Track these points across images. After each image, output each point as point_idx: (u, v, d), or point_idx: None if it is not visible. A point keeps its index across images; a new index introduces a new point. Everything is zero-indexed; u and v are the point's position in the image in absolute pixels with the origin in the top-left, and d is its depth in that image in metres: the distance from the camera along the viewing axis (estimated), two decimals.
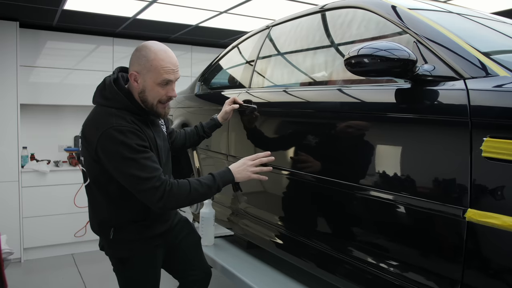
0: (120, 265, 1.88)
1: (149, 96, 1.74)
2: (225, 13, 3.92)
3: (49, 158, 4.74)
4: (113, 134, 1.62)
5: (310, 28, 2.12)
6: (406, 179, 1.36)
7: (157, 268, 1.93)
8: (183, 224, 2.12)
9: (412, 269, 1.39)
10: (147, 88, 1.73)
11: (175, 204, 1.70)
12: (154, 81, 1.72)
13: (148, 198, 1.65)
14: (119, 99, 1.72)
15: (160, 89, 1.74)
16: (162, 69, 1.71)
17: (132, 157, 1.62)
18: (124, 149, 1.62)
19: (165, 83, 1.74)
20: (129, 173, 1.63)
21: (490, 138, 1.09)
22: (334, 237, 1.77)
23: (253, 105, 2.16)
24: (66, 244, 4.55)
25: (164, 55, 1.72)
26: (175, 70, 1.75)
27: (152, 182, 1.63)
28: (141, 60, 1.72)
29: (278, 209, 2.12)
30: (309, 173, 1.79)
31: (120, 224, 1.81)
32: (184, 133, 2.26)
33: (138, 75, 1.73)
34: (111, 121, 1.65)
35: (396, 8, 1.63)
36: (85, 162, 1.79)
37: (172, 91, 1.78)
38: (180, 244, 2.06)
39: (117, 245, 1.84)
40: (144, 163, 1.63)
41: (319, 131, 1.80)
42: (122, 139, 1.62)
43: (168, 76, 1.72)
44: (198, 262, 2.14)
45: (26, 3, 3.59)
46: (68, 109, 4.97)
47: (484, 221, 1.11)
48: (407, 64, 1.28)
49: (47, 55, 4.61)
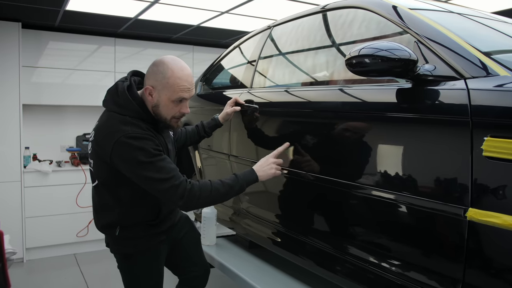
0: (125, 261, 1.90)
1: (162, 111, 1.76)
2: (227, 13, 3.92)
3: (51, 158, 4.75)
4: (129, 142, 1.64)
5: (311, 28, 2.13)
6: (407, 178, 1.36)
7: (160, 264, 1.97)
8: (184, 221, 2.16)
9: (413, 268, 1.39)
10: (161, 103, 1.75)
11: (196, 202, 1.71)
12: (169, 98, 1.74)
13: (170, 197, 1.67)
14: (132, 108, 1.73)
15: (174, 106, 1.76)
16: (178, 87, 1.72)
17: (149, 160, 1.64)
18: (141, 155, 1.63)
19: (180, 100, 1.76)
20: (147, 176, 1.64)
21: (491, 138, 1.09)
22: (336, 237, 1.78)
23: (254, 105, 2.17)
24: (68, 244, 4.55)
25: (181, 74, 1.73)
26: (190, 89, 1.76)
27: (171, 181, 1.65)
28: (158, 76, 1.73)
29: (280, 209, 2.12)
30: (310, 173, 1.79)
31: (128, 224, 1.83)
32: (186, 132, 2.28)
33: (154, 89, 1.74)
34: (126, 129, 1.67)
35: (397, 8, 1.63)
36: (95, 165, 1.80)
37: (185, 108, 1.80)
38: (182, 241, 2.10)
39: (122, 241, 1.86)
40: (161, 165, 1.66)
41: (320, 131, 1.80)
42: (138, 145, 1.64)
43: (183, 94, 1.74)
44: (198, 258, 2.18)
45: (28, 4, 3.59)
46: (70, 109, 4.97)
47: (485, 220, 1.11)
48: (408, 64, 1.28)
49: (49, 56, 4.62)
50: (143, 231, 1.85)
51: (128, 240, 1.85)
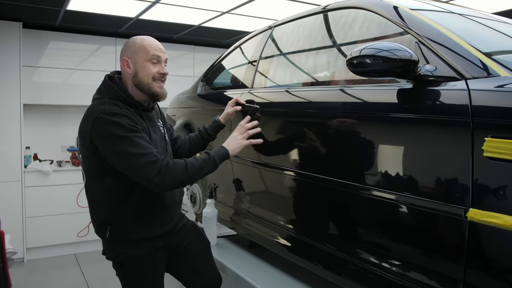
0: (120, 269, 1.87)
1: (142, 76, 1.81)
2: (228, 14, 3.93)
3: (52, 158, 4.76)
4: (105, 117, 1.67)
5: (312, 29, 2.13)
6: (408, 179, 1.37)
7: (157, 272, 1.89)
8: (189, 228, 2.07)
9: (414, 269, 1.39)
10: (139, 68, 1.81)
11: (173, 179, 1.69)
12: (144, 59, 1.81)
13: (145, 175, 1.65)
14: (112, 91, 1.79)
15: (151, 66, 1.82)
16: (150, 47, 1.82)
17: (125, 135, 1.66)
18: (116, 129, 1.66)
19: (155, 60, 1.82)
20: (123, 151, 1.65)
21: (492, 138, 1.09)
22: (336, 237, 1.78)
23: (255, 105, 2.17)
24: (68, 244, 4.56)
25: (149, 38, 1.86)
26: (162, 50, 1.86)
27: (147, 157, 1.65)
28: (129, 46, 1.84)
29: (281, 209, 2.12)
30: (311, 173, 1.79)
31: (118, 222, 1.80)
32: (189, 138, 2.24)
33: (129, 59, 1.82)
34: (104, 107, 1.71)
35: (398, 9, 1.63)
36: (83, 159, 1.84)
37: (162, 68, 1.85)
38: (185, 250, 2.01)
39: (114, 246, 1.83)
40: (138, 141, 1.67)
41: (321, 131, 1.80)
42: (113, 119, 1.67)
43: (156, 52, 1.82)
44: (205, 268, 2.07)
45: (29, 4, 3.60)
46: (71, 109, 4.98)
47: (485, 221, 1.11)
48: (409, 64, 1.28)
49: (50, 55, 4.63)
50: (133, 233, 1.80)
51: (120, 245, 1.81)
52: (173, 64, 5.20)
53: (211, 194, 2.57)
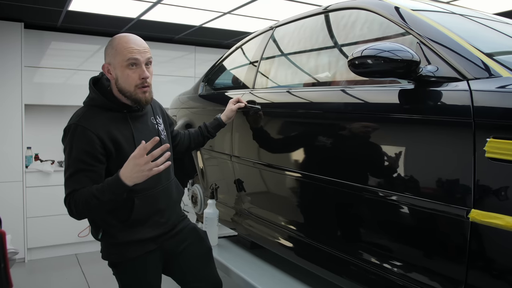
0: (114, 269, 1.87)
1: (123, 83, 1.72)
2: (229, 14, 3.93)
3: (53, 158, 4.76)
4: (70, 131, 1.73)
5: (314, 29, 2.13)
6: (410, 179, 1.36)
7: (150, 273, 1.85)
8: (187, 232, 2.00)
9: (416, 269, 1.39)
10: (119, 74, 1.72)
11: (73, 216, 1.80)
12: (121, 65, 1.70)
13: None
14: (92, 96, 1.79)
15: (130, 72, 1.70)
16: (125, 50, 1.69)
17: (67, 159, 1.72)
18: (68, 148, 1.72)
19: (133, 64, 1.70)
20: (65, 164, 1.74)
21: (493, 139, 1.09)
22: (338, 237, 1.78)
23: (256, 105, 2.17)
24: (69, 244, 4.56)
25: (126, 39, 1.73)
26: (140, 50, 1.71)
27: (65, 189, 1.76)
28: (107, 51, 1.75)
29: (282, 210, 2.12)
30: (312, 174, 1.79)
31: (105, 225, 1.79)
32: (189, 134, 2.24)
33: (109, 65, 1.74)
34: (75, 118, 1.75)
35: (399, 9, 1.63)
36: None
37: (143, 72, 1.71)
38: (182, 254, 1.95)
39: (107, 249, 1.84)
40: (72, 172, 1.72)
41: (322, 131, 1.80)
42: (70, 139, 1.72)
43: (132, 55, 1.69)
44: (203, 273, 1.99)
45: (31, 4, 3.60)
46: (72, 110, 4.86)
47: (487, 222, 1.11)
48: (410, 65, 1.28)
49: (52, 56, 4.63)
50: (123, 236, 1.78)
51: (112, 247, 1.82)
52: (174, 64, 5.21)
53: (212, 194, 2.57)
